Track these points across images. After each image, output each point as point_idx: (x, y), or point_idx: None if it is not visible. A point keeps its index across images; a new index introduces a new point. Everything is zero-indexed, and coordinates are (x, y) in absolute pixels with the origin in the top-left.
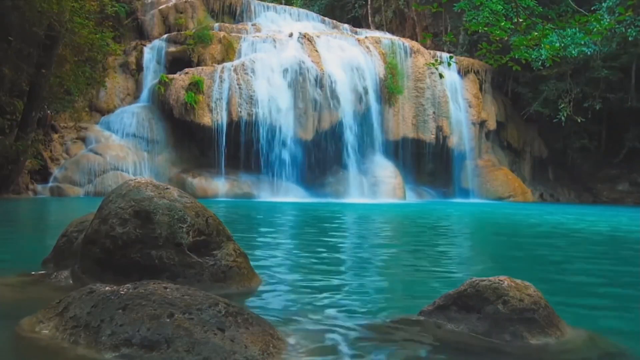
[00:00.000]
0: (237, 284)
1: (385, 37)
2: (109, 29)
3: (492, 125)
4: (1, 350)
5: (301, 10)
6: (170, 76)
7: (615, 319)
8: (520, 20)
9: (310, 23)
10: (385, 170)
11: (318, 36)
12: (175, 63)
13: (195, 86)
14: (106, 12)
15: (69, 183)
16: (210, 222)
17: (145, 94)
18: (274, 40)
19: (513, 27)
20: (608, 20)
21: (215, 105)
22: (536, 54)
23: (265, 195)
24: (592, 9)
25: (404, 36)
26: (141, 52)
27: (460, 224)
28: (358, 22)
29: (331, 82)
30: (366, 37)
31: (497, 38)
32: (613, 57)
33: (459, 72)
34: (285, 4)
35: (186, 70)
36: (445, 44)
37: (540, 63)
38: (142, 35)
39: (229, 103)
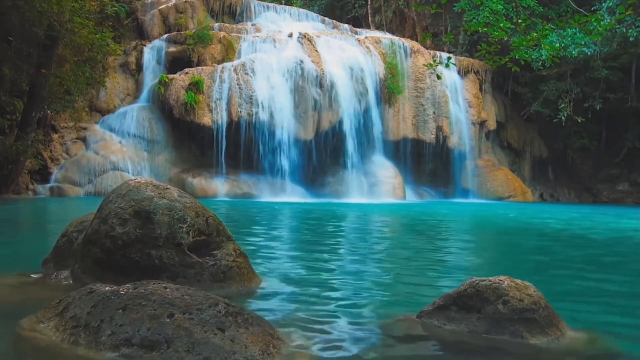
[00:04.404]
0: (237, 284)
1: (385, 37)
2: (109, 29)
3: (492, 125)
4: (1, 350)
5: (301, 10)
6: (170, 76)
7: (615, 319)
8: (520, 20)
9: (310, 23)
10: (385, 170)
11: (318, 36)
12: (175, 63)
13: (195, 86)
14: (106, 12)
15: (69, 183)
16: (210, 222)
17: (145, 94)
18: (274, 40)
19: (513, 27)
20: (608, 20)
21: (215, 105)
22: (536, 54)
23: (265, 195)
24: (592, 9)
25: (404, 36)
26: (141, 52)
27: (460, 224)
28: (358, 22)
29: (331, 82)
30: (366, 37)
31: (497, 39)
32: (613, 57)
33: (459, 72)
34: (285, 4)
35: (186, 70)
36: (446, 44)
37: (540, 63)
38: (142, 35)
39: (229, 103)
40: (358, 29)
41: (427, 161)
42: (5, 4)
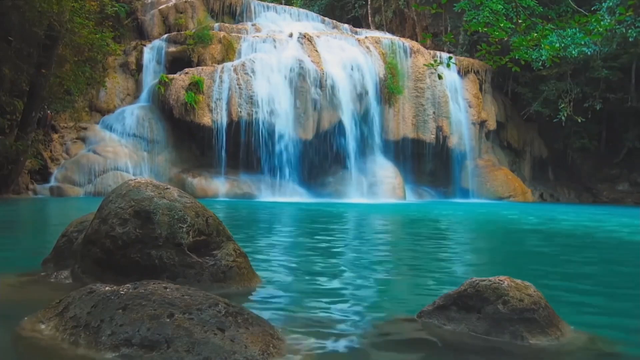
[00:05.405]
0: (237, 284)
1: (385, 37)
2: (109, 29)
3: (492, 125)
4: (1, 350)
5: (301, 10)
6: (170, 76)
7: (615, 319)
8: (520, 20)
9: (310, 23)
10: (385, 170)
11: (318, 36)
12: (175, 63)
13: (195, 86)
14: (106, 12)
15: (69, 183)
16: (210, 222)
17: (145, 94)
18: (274, 41)
19: (513, 27)
20: (608, 20)
21: (215, 105)
22: (536, 54)
23: (265, 195)
24: (592, 9)
25: (404, 36)
26: (141, 52)
27: (460, 224)
28: (358, 22)
29: (331, 82)
30: (366, 37)
31: (497, 39)
32: (613, 57)
33: (459, 72)
34: (285, 4)
35: (186, 70)
36: (446, 44)
37: (540, 63)
38: (142, 35)
39: (229, 103)
40: (358, 29)
41: (427, 161)
42: (5, 4)
